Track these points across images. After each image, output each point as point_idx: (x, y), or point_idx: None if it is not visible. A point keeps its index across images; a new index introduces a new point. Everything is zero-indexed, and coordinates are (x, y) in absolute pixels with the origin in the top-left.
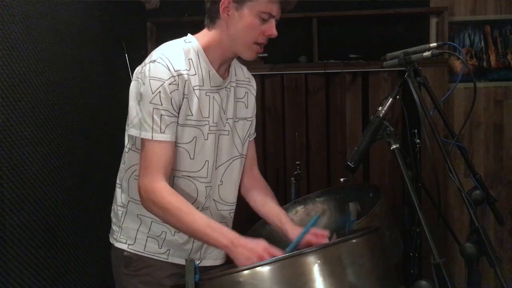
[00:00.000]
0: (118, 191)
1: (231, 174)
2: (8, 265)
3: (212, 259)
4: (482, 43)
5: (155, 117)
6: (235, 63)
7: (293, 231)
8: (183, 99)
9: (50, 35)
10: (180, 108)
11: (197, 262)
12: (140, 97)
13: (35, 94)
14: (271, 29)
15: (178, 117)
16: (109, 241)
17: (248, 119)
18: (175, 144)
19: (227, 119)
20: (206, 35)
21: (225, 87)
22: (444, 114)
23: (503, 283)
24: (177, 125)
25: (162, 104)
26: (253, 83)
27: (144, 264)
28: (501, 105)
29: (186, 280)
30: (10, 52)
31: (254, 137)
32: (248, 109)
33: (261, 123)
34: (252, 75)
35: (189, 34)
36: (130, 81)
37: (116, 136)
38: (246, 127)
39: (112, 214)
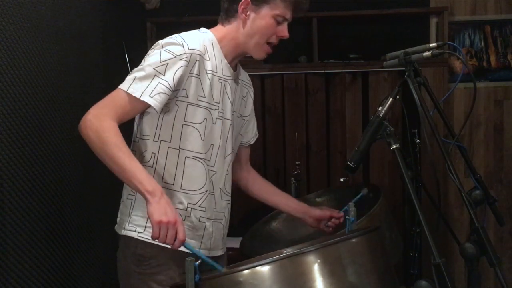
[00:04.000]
0: None
1: (231, 166)
2: (8, 266)
3: (219, 248)
4: (482, 43)
5: (153, 82)
6: (239, 65)
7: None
8: (189, 78)
9: (50, 35)
10: (185, 88)
11: (197, 262)
12: (144, 61)
13: (35, 94)
14: (284, 31)
15: (172, 91)
16: (111, 240)
17: (243, 117)
18: (185, 123)
19: (233, 111)
20: (220, 30)
21: (235, 80)
22: (444, 114)
23: (503, 283)
24: (188, 104)
25: (164, 75)
26: (252, 87)
27: (157, 263)
28: (501, 105)
29: (186, 280)
30: (10, 52)
31: (256, 138)
32: (246, 108)
33: (261, 123)
34: (252, 75)
35: (202, 28)
36: None
37: None
38: (240, 125)
39: (120, 206)
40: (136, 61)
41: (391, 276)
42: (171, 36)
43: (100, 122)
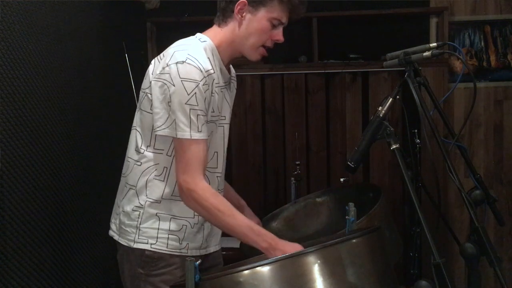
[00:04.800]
0: (131, 192)
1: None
2: (8, 265)
3: (214, 245)
4: (482, 43)
5: (192, 117)
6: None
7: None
8: (210, 98)
9: (50, 35)
10: (207, 107)
11: (197, 262)
12: (170, 98)
13: (35, 94)
14: (279, 34)
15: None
16: (112, 241)
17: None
18: None
19: (230, 112)
20: (218, 33)
21: (229, 82)
22: (444, 114)
23: (503, 283)
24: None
25: (198, 105)
26: (235, 78)
27: (165, 263)
28: (501, 105)
29: (186, 280)
30: (10, 52)
31: None
32: (233, 102)
33: (261, 123)
34: (252, 75)
35: (198, 33)
36: (130, 81)
37: (116, 135)
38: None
39: (122, 216)
40: (136, 61)
41: (391, 276)
42: (182, 58)
43: (193, 192)
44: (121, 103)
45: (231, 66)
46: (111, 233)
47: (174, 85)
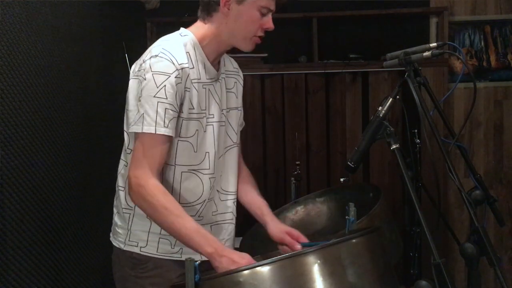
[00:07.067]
0: (121, 194)
1: (229, 164)
2: (8, 266)
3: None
4: (482, 43)
5: (160, 110)
6: (224, 55)
7: (272, 224)
8: (184, 93)
9: (50, 35)
10: (182, 103)
11: (197, 262)
12: (141, 93)
13: (35, 94)
14: (269, 22)
15: (178, 112)
16: (110, 244)
17: (238, 109)
18: (180, 139)
19: (222, 110)
20: (201, 28)
21: (218, 79)
22: (444, 114)
23: (503, 283)
24: (182, 119)
25: (167, 98)
26: (241, 73)
27: (154, 265)
28: (501, 105)
29: (186, 280)
30: (10, 52)
31: (243, 126)
32: (238, 98)
33: (261, 123)
34: (252, 75)
35: (182, 28)
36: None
37: (116, 135)
38: (238, 116)
39: (115, 218)
40: (136, 61)
41: (391, 276)
42: (156, 53)
43: (142, 187)
44: (121, 104)
45: (231, 61)
46: (111, 237)
47: (145, 79)
